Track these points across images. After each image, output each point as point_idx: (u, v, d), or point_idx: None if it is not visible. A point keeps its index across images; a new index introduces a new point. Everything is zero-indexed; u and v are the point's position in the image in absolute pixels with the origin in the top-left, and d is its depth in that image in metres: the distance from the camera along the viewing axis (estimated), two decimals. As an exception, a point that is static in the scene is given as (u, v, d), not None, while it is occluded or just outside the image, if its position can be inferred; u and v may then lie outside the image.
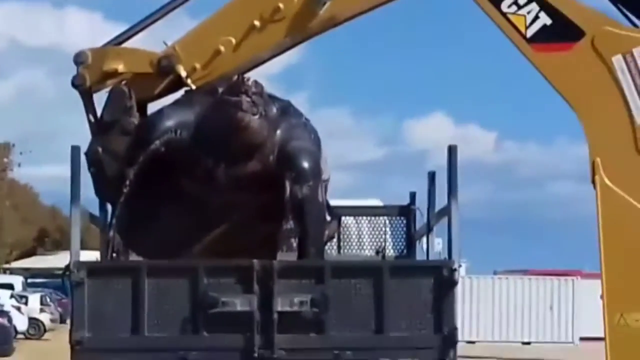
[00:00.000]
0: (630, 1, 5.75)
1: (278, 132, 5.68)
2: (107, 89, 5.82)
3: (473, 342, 23.53)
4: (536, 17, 5.61)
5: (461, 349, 5.61)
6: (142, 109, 5.91)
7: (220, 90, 5.63)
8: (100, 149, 5.75)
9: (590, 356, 10.26)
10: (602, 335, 5.59)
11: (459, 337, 5.65)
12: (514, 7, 5.63)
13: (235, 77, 5.61)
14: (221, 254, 5.85)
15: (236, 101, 5.40)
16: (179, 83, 5.82)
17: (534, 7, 5.59)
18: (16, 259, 39.90)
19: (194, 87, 5.81)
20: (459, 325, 5.59)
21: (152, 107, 6.10)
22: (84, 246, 6.08)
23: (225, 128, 5.50)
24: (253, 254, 5.67)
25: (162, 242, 5.94)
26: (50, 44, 69.28)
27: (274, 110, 5.68)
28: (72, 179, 5.66)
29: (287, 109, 5.81)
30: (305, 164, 5.67)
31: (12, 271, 33.60)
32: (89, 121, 5.90)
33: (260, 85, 5.54)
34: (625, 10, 5.70)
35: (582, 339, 25.14)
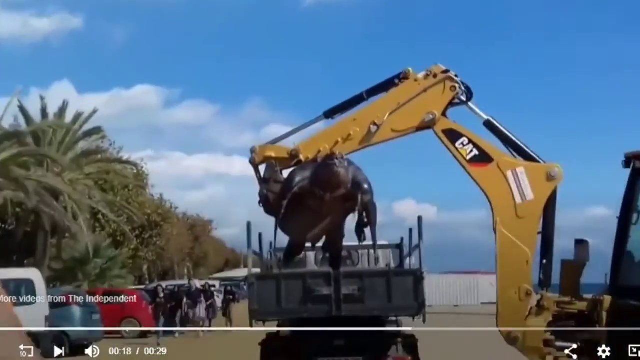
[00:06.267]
0: (512, 145, 12.20)
1: (350, 173, 11.88)
2: (265, 164, 12.48)
3: (430, 306, 42.85)
4: (472, 151, 12.14)
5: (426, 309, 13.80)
6: (280, 172, 12.53)
7: (319, 159, 12.17)
8: (265, 191, 12.27)
9: (487, 311, 18.43)
10: (492, 301, 12.52)
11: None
12: (462, 145, 12.11)
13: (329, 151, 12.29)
14: (323, 233, 12.81)
15: (333, 162, 11.69)
16: (299, 161, 12.35)
17: (470, 146, 12.09)
18: (215, 273, 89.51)
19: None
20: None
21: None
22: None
23: (327, 175, 11.78)
24: (336, 232, 13.19)
25: (297, 229, 12.63)
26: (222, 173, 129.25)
27: (346, 163, 11.85)
28: (248, 235, 13.63)
29: (350, 162, 12.05)
30: (366, 186, 12.03)
31: (213, 279, 66.88)
32: (258, 179, 12.46)
33: (341, 153, 11.88)
34: (510, 149, 12.21)
35: (482, 303, 56.01)
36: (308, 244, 14.23)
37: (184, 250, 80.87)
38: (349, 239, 13.87)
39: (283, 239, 13.69)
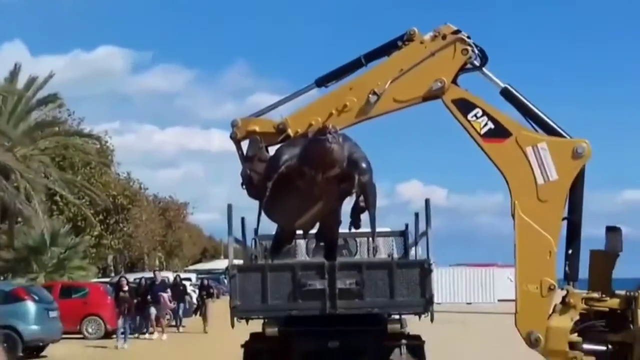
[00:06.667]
0: (533, 118, 12.12)
1: (345, 150, 11.83)
2: (248, 140, 12.68)
3: (439, 303, 47.30)
4: (486, 124, 12.12)
5: (434, 306, 13.82)
6: (266, 149, 12.64)
7: (310, 134, 12.32)
8: (248, 171, 12.34)
9: (505, 309, 18.86)
10: (511, 297, 12.34)
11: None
12: (475, 118, 12.13)
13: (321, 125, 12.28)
14: (315, 219, 13.08)
15: (325, 138, 11.54)
16: (287, 136, 12.43)
17: (485, 118, 12.11)
18: (191, 265, 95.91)
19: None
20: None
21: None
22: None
23: (319, 152, 11.64)
24: (331, 218, 13.31)
25: (285, 215, 12.82)
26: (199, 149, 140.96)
27: (341, 139, 11.81)
28: (228, 220, 13.66)
29: (346, 137, 12.09)
30: (364, 164, 11.97)
31: (189, 271, 75.38)
32: (240, 156, 12.55)
33: (335, 127, 11.76)
34: (531, 122, 12.19)
35: (499, 300, 57.46)
36: (299, 232, 14.32)
37: (155, 237, 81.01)
38: (346, 226, 13.94)
39: (270, 225, 13.80)
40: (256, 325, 14.69)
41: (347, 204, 13.15)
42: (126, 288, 33.03)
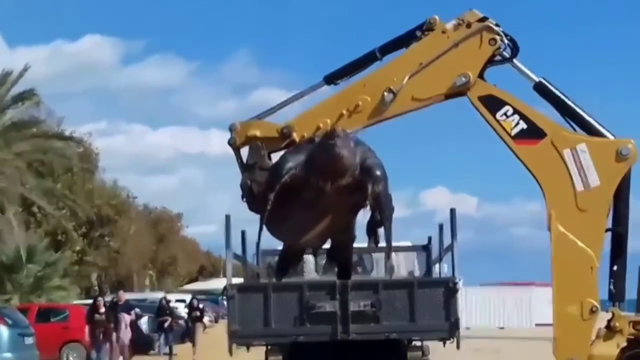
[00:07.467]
0: (571, 116, 12.14)
1: (357, 155, 11.95)
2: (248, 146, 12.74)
3: (468, 328, 46.21)
4: (517, 123, 12.17)
5: (462, 331, 13.81)
6: (268, 156, 12.69)
7: (317, 138, 12.37)
8: (248, 181, 12.48)
9: (543, 334, 19.03)
10: (550, 322, 12.20)
11: (461, 324, 13.82)
12: (504, 117, 12.18)
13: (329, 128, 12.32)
14: (325, 235, 13.24)
15: (333, 142, 11.62)
16: (292, 142, 12.57)
17: (516, 117, 12.17)
18: (186, 284, 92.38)
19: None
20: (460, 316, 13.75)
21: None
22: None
23: (327, 158, 11.70)
24: (343, 233, 13.46)
25: (290, 231, 12.93)
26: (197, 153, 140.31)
27: (352, 143, 11.96)
28: (226, 233, 13.71)
29: (358, 141, 12.25)
30: (378, 172, 12.07)
31: (183, 292, 71.86)
32: (239, 165, 12.73)
33: (344, 130, 11.89)
34: (569, 120, 12.22)
35: (536, 324, 56.44)
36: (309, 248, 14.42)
37: (145, 253, 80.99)
38: (362, 240, 13.95)
39: (274, 239, 13.77)
40: (258, 353, 14.71)
41: (364, 217, 13.11)
42: (103, 310, 32.41)
